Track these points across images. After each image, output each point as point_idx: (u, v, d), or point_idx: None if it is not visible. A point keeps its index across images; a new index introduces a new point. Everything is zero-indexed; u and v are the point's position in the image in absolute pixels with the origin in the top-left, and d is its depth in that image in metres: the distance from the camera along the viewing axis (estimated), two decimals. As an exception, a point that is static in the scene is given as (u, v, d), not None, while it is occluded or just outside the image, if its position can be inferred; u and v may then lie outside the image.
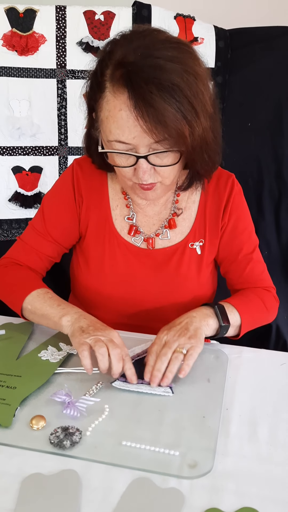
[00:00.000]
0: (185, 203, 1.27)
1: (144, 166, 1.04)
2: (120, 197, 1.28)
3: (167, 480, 0.79)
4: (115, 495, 0.75)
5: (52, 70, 1.86)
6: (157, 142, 1.00)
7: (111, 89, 0.99)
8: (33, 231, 1.30)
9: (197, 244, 1.26)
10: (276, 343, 1.97)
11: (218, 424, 0.91)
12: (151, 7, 1.88)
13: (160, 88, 0.94)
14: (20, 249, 1.30)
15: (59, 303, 1.14)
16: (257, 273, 1.31)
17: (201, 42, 1.91)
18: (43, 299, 1.16)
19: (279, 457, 0.85)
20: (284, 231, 1.98)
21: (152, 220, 1.28)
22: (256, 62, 1.92)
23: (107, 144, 1.06)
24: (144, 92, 0.94)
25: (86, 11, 1.84)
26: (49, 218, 1.28)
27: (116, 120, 0.99)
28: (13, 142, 1.88)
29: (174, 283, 1.27)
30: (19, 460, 0.82)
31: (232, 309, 1.18)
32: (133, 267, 1.27)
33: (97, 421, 0.91)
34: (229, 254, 1.29)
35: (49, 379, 1.03)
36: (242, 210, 1.30)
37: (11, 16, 1.79)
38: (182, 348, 1.03)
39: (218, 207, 1.26)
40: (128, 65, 0.96)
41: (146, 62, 0.95)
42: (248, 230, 1.30)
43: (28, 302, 1.17)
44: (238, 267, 1.29)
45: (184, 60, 0.99)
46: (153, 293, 1.27)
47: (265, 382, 1.06)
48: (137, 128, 0.98)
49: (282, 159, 1.94)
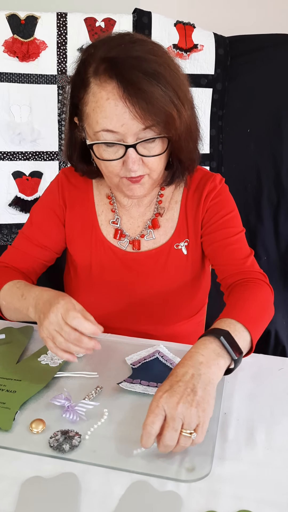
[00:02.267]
0: (168, 203, 1.29)
1: (133, 155, 1.04)
2: (105, 202, 1.30)
3: (165, 483, 0.79)
4: (114, 498, 0.76)
5: (52, 76, 1.87)
6: (146, 129, 1.01)
7: (96, 82, 1.01)
8: (22, 237, 1.33)
9: (183, 244, 1.27)
10: (275, 348, 1.98)
11: (216, 428, 0.92)
12: (151, 14, 1.89)
13: (145, 73, 0.98)
14: (10, 253, 1.32)
15: (22, 292, 1.11)
16: (244, 254, 1.22)
17: (201, 49, 1.92)
18: (12, 291, 1.15)
19: (276, 461, 0.85)
20: (282, 237, 1.99)
21: (137, 222, 1.29)
22: (255, 69, 1.94)
23: (93, 138, 1.07)
24: (131, 77, 0.97)
25: (87, 18, 1.86)
26: (37, 224, 1.31)
27: (103, 110, 1.01)
28: (13, 147, 1.89)
29: (162, 284, 1.28)
30: (18, 464, 0.83)
31: (240, 329, 0.98)
32: (120, 270, 1.28)
33: (96, 425, 0.91)
34: (213, 238, 1.24)
35: (49, 383, 1.03)
36: (223, 198, 1.26)
37: (13, 23, 1.80)
38: (189, 429, 0.81)
39: (198, 204, 1.25)
40: (111, 59, 0.99)
41: (128, 54, 0.99)
42: (231, 215, 1.25)
43: (2, 298, 1.17)
44: (225, 250, 1.22)
45: (162, 55, 1.04)
46: (141, 295, 1.28)
47: (263, 387, 1.07)
48: (126, 115, 0.99)
49: (281, 165, 1.96)
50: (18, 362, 1.11)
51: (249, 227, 1.98)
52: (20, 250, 1.31)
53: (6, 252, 1.34)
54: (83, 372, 1.07)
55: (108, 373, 1.08)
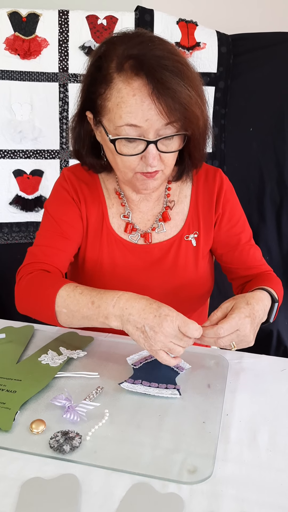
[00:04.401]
0: (177, 197, 1.32)
1: (153, 151, 1.07)
2: (114, 197, 1.31)
3: (167, 485, 0.78)
4: (115, 500, 0.75)
5: (54, 74, 1.86)
6: (168, 124, 1.04)
7: (121, 78, 1.03)
8: (45, 233, 1.27)
9: (192, 236, 1.31)
10: (277, 349, 1.98)
11: (218, 429, 0.91)
12: (153, 12, 1.89)
13: (172, 72, 1.01)
14: (38, 253, 1.25)
15: (91, 299, 1.05)
16: (258, 258, 1.37)
17: (203, 47, 1.91)
18: (75, 298, 1.07)
19: (279, 463, 0.84)
20: (285, 236, 1.99)
21: (147, 216, 1.31)
22: (258, 68, 1.93)
23: (113, 132, 1.08)
24: (161, 76, 1.00)
25: (88, 16, 1.85)
26: (59, 217, 1.27)
27: (129, 105, 1.03)
28: (14, 146, 1.88)
29: (173, 276, 1.30)
30: (18, 464, 0.82)
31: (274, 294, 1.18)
32: (131, 264, 1.29)
33: (97, 425, 0.91)
34: (229, 244, 1.34)
35: (49, 384, 1.03)
36: (234, 201, 1.35)
37: (14, 20, 1.80)
38: (236, 345, 1.02)
39: (210, 200, 1.31)
40: (134, 56, 1.02)
41: (152, 52, 1.02)
42: (242, 219, 1.36)
43: (62, 306, 1.09)
44: (241, 254, 1.34)
45: (180, 54, 1.07)
46: (152, 288, 1.28)
47: (266, 388, 1.06)
48: (151, 112, 1.02)
49: (284, 164, 1.95)
50: (18, 362, 1.10)
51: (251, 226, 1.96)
52: (46, 245, 1.25)
53: (30, 254, 1.26)
54: (84, 373, 1.07)
55: (109, 374, 1.07)
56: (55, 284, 1.12)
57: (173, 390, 1.01)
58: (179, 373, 1.07)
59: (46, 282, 1.15)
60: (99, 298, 1.04)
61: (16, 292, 1.21)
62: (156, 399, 0.99)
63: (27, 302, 1.18)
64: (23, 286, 1.19)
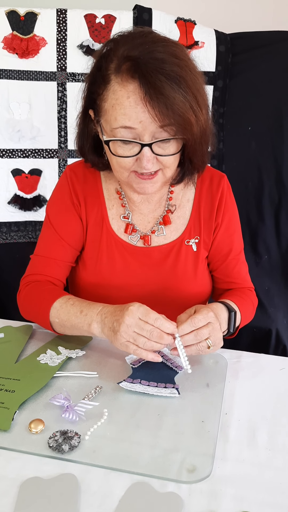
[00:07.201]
0: (179, 201, 1.30)
1: (148, 154, 1.06)
2: (115, 197, 1.30)
3: (166, 484, 0.78)
4: (114, 500, 0.75)
5: (52, 73, 1.86)
6: (163, 127, 1.03)
7: (117, 80, 1.03)
8: (45, 242, 1.30)
9: (193, 241, 1.29)
10: (275, 348, 1.97)
11: (217, 429, 0.91)
12: (152, 11, 1.88)
13: (167, 77, 0.99)
14: (37, 264, 1.29)
15: (81, 309, 1.12)
16: (243, 274, 1.36)
17: (202, 46, 1.91)
18: (66, 309, 1.14)
19: (277, 462, 0.84)
20: (284, 235, 1.99)
21: (147, 218, 1.30)
22: (256, 66, 1.93)
23: (109, 133, 1.08)
24: (154, 80, 0.98)
25: (87, 15, 1.85)
26: (57, 224, 1.28)
27: (123, 107, 1.02)
28: (12, 145, 1.88)
29: (172, 280, 1.29)
30: (17, 464, 0.82)
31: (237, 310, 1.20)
32: (130, 266, 1.28)
33: (96, 425, 0.91)
34: (220, 253, 1.32)
35: (48, 383, 1.03)
36: (233, 212, 1.34)
37: (12, 19, 1.79)
38: (210, 342, 1.04)
39: (212, 206, 1.29)
40: (133, 58, 1.00)
41: (151, 55, 1.00)
42: (238, 231, 1.35)
43: (55, 316, 1.15)
44: (227, 267, 1.33)
45: (183, 57, 1.04)
46: (151, 291, 1.28)
47: (264, 387, 1.06)
48: (145, 114, 1.01)
49: (282, 163, 1.95)
50: (17, 362, 1.10)
51: (250, 226, 1.97)
52: (46, 256, 1.28)
53: (32, 263, 1.30)
54: (82, 372, 1.07)
55: (108, 373, 1.07)
56: (50, 296, 1.19)
57: (172, 389, 1.01)
58: (178, 372, 1.07)
59: (43, 294, 1.21)
60: (88, 307, 1.12)
61: (18, 302, 1.27)
62: (155, 398, 0.99)
63: (28, 312, 1.24)
64: (22, 297, 1.26)
